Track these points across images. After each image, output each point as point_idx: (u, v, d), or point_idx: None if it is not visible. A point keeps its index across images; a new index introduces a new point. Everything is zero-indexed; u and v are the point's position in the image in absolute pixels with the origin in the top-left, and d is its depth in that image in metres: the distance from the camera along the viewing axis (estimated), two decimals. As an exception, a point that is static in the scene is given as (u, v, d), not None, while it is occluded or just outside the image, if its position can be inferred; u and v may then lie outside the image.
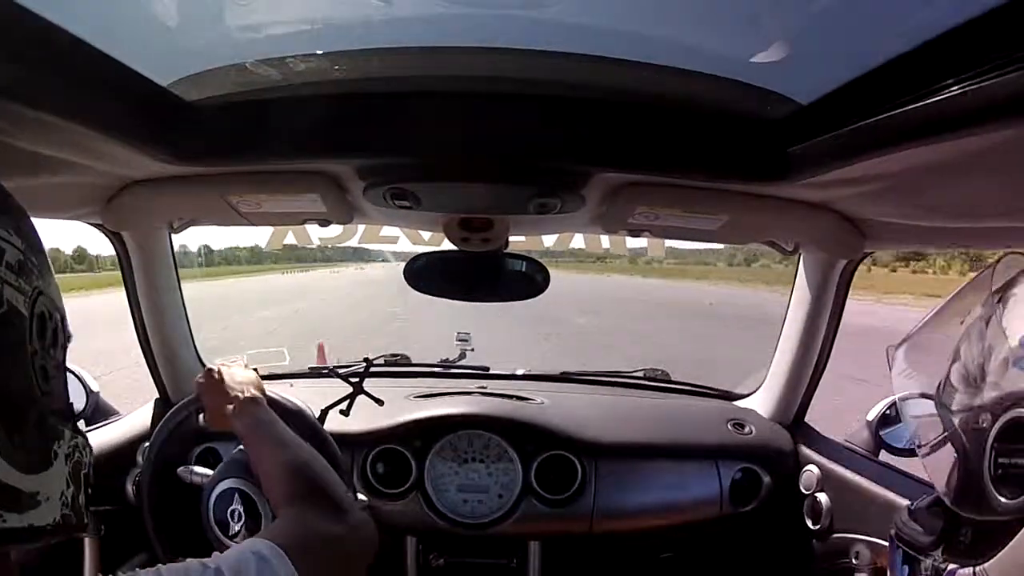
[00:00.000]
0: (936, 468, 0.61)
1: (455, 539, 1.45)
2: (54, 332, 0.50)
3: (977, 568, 0.54)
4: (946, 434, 0.60)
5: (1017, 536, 0.49)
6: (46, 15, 0.59)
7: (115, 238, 1.38)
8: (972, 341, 0.60)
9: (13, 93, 0.58)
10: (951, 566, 0.58)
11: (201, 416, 1.27)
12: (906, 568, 0.67)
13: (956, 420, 0.58)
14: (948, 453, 0.59)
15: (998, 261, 0.65)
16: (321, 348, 4.27)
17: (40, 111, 0.62)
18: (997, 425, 0.53)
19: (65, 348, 0.52)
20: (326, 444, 1.04)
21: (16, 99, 0.59)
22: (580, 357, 8.53)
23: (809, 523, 1.39)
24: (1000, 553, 0.51)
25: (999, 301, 0.59)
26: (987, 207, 0.85)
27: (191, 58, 0.80)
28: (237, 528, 1.04)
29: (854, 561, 1.26)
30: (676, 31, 0.75)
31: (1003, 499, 0.51)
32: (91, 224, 1.30)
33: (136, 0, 0.70)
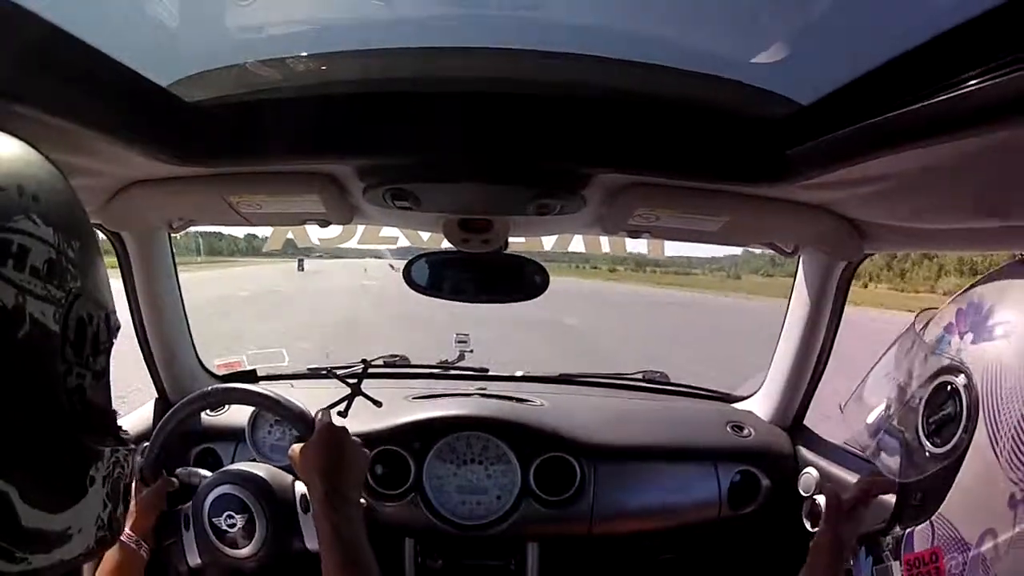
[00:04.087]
0: (886, 464, 0.72)
1: (453, 541, 1.44)
2: (95, 337, 0.44)
3: (932, 518, 0.62)
4: (887, 431, 0.72)
5: (958, 475, 0.59)
6: (45, 15, 0.59)
7: (114, 238, 1.38)
8: (902, 366, 0.73)
9: (12, 93, 0.58)
10: (908, 530, 0.67)
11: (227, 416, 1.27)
12: (870, 558, 0.75)
13: (894, 415, 0.71)
14: (891, 441, 0.71)
15: (919, 315, 0.77)
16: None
17: (39, 111, 0.62)
18: (924, 396, 0.65)
19: (109, 350, 0.47)
20: (301, 415, 1.05)
21: (15, 99, 0.59)
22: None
23: (808, 525, 1.38)
24: (947, 496, 0.61)
25: (922, 330, 0.71)
26: (986, 209, 0.85)
27: (191, 58, 0.80)
28: (232, 534, 1.03)
29: (852, 563, 1.26)
30: (676, 32, 0.75)
31: (936, 448, 0.62)
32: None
33: (136, 0, 0.70)
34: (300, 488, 1.04)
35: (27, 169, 0.42)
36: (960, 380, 0.61)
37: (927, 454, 0.64)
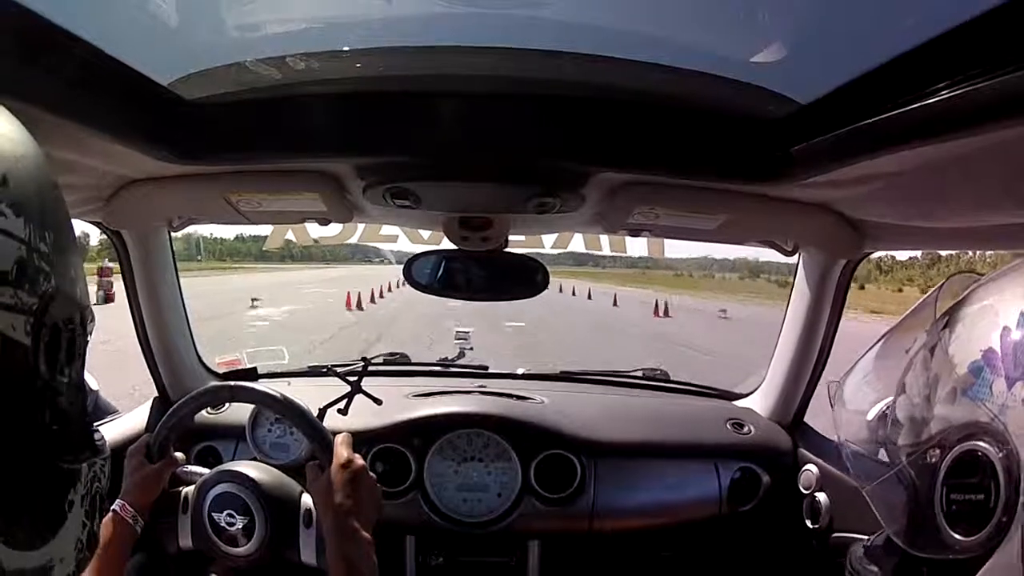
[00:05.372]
0: (884, 505, 0.58)
1: (454, 538, 1.45)
2: (71, 341, 0.39)
3: None
4: (894, 471, 0.57)
5: (980, 572, 0.46)
6: (46, 14, 0.59)
7: (114, 236, 1.38)
8: (917, 372, 0.57)
9: (13, 92, 0.58)
10: None
11: (206, 413, 1.28)
12: None
13: (903, 456, 0.55)
14: (897, 490, 0.56)
15: (944, 283, 0.62)
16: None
17: (39, 110, 0.62)
18: (947, 460, 0.49)
19: (85, 352, 0.42)
20: (322, 436, 1.05)
21: (16, 98, 0.59)
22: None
23: (808, 523, 1.39)
24: None
25: (945, 327, 0.56)
26: (986, 208, 0.85)
27: (191, 57, 0.80)
28: (231, 532, 1.04)
29: None
30: (675, 30, 0.75)
31: (959, 537, 0.48)
32: (90, 222, 1.30)
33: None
34: (306, 501, 1.05)
35: None
36: (998, 454, 0.45)
37: (947, 540, 0.49)
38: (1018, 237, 0.91)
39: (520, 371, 1.94)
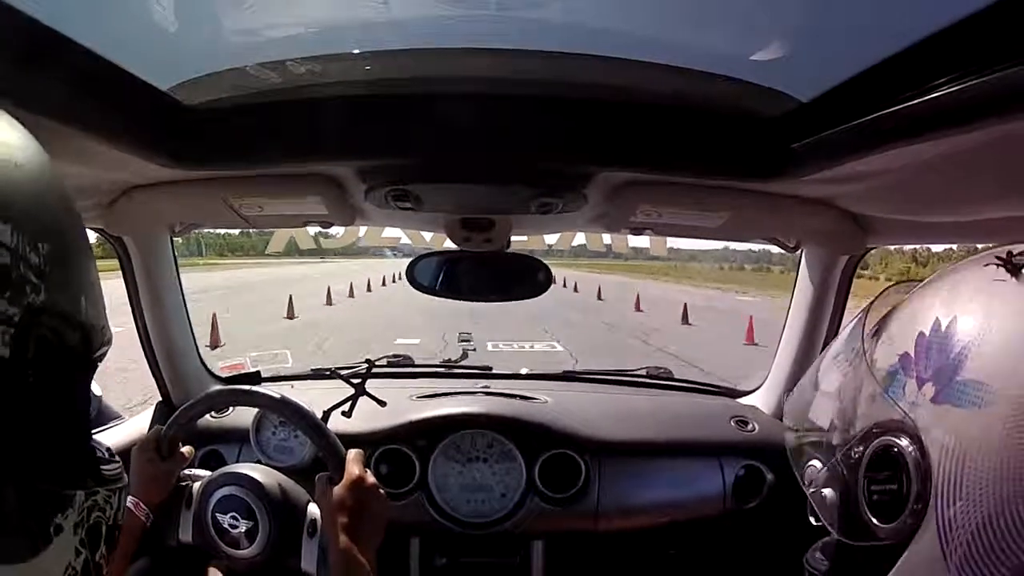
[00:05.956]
0: (823, 502, 0.64)
1: (459, 539, 1.45)
2: (67, 359, 0.37)
3: None
4: (826, 468, 0.63)
5: (897, 564, 0.50)
6: (45, 20, 0.59)
7: (116, 242, 1.38)
8: (848, 378, 0.61)
9: (12, 98, 0.58)
10: None
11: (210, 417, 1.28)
12: None
13: (837, 455, 0.60)
14: (831, 487, 0.62)
15: (875, 299, 0.66)
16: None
17: (40, 116, 0.62)
18: (867, 455, 0.54)
19: (88, 374, 0.40)
20: (335, 451, 1.04)
21: (15, 104, 0.59)
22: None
23: (812, 520, 1.38)
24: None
25: (874, 335, 0.60)
26: (987, 202, 0.85)
27: (190, 62, 0.80)
28: (234, 535, 1.04)
29: None
30: (676, 29, 0.75)
31: (881, 524, 0.52)
32: (91, 228, 1.30)
33: (135, 4, 0.70)
34: (312, 511, 1.05)
35: None
36: (910, 449, 0.49)
37: (868, 524, 0.54)
38: (1020, 230, 0.91)
39: (524, 371, 1.94)
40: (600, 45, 0.76)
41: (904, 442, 0.50)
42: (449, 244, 1.28)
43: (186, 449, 1.13)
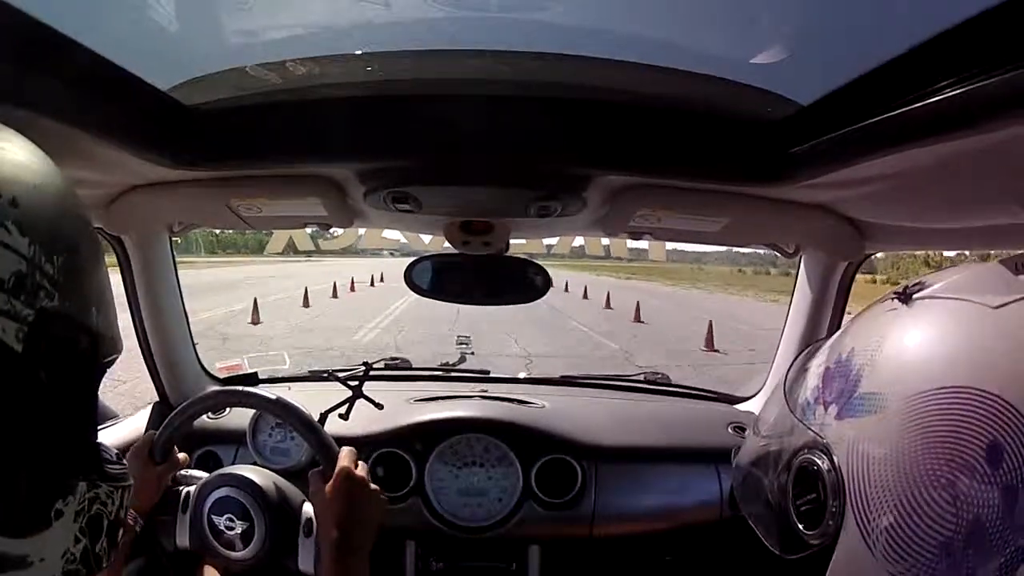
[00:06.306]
0: (760, 523, 0.71)
1: (455, 543, 1.44)
2: (76, 361, 0.41)
3: None
4: (765, 498, 0.69)
5: (831, 563, 0.56)
6: (46, 20, 0.59)
7: (114, 241, 1.38)
8: (782, 411, 0.68)
9: (13, 98, 0.58)
10: None
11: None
12: None
13: (773, 485, 0.67)
14: (767, 508, 0.68)
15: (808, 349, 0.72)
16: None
17: (39, 115, 0.62)
18: (791, 473, 0.61)
19: (96, 377, 0.44)
20: (327, 448, 1.04)
21: (16, 104, 0.59)
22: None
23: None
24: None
25: (795, 380, 0.67)
26: (987, 207, 0.85)
27: (191, 62, 0.80)
28: (229, 536, 1.03)
29: None
30: (676, 32, 0.75)
31: (809, 532, 0.59)
32: None
33: (136, 5, 0.70)
34: (307, 510, 1.04)
35: (14, 170, 0.39)
36: (823, 463, 0.56)
37: (800, 535, 0.60)
38: (1019, 237, 0.91)
39: (521, 375, 1.94)
40: (600, 48, 0.76)
41: (818, 457, 0.57)
42: (448, 247, 1.27)
43: (181, 456, 1.13)
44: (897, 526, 0.50)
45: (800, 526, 0.60)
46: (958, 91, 0.54)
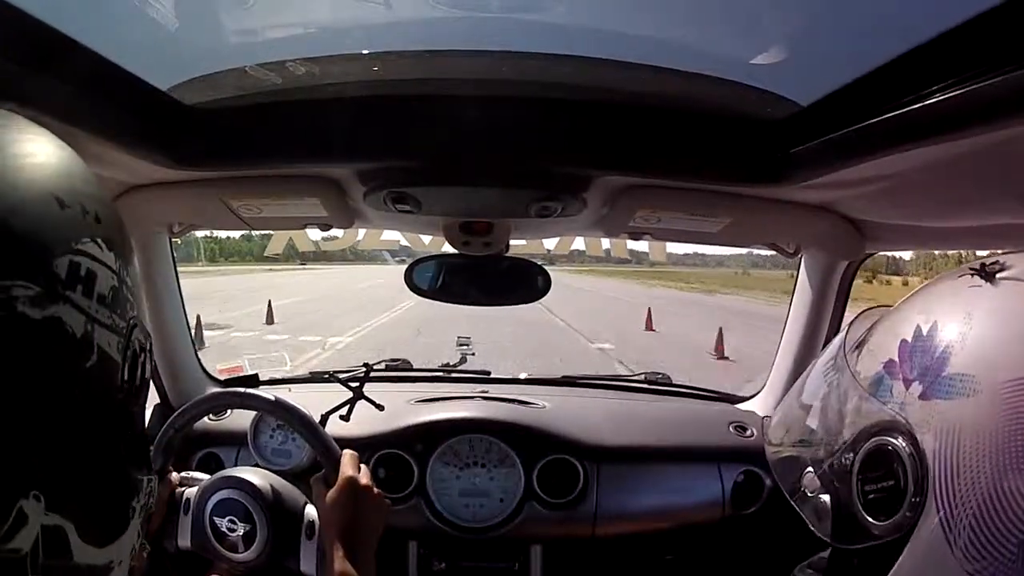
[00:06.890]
0: (812, 512, 0.64)
1: (457, 544, 1.44)
2: (143, 366, 0.43)
3: None
4: (819, 484, 0.63)
5: (901, 556, 0.52)
6: (45, 19, 0.59)
7: None
8: (831, 394, 0.64)
9: (11, 97, 0.58)
10: None
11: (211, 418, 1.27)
12: None
13: (825, 466, 0.62)
14: (821, 495, 0.63)
15: (856, 317, 0.69)
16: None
17: (38, 115, 0.62)
18: (859, 457, 0.56)
19: (148, 375, 0.46)
20: (329, 449, 1.04)
21: (16, 103, 0.59)
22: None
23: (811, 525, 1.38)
24: (890, 572, 0.53)
25: (855, 350, 0.63)
26: (987, 207, 0.85)
27: (190, 62, 0.80)
28: (232, 538, 1.03)
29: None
30: (676, 33, 0.75)
31: (878, 522, 0.54)
32: None
33: (135, 4, 0.70)
34: (310, 512, 1.04)
35: (86, 187, 0.40)
36: (904, 445, 0.51)
37: (865, 525, 0.55)
38: (1019, 236, 0.91)
39: (523, 376, 1.94)
40: (601, 48, 0.76)
41: (898, 439, 0.52)
42: (448, 248, 1.27)
43: (173, 476, 1.12)
44: (984, 518, 0.47)
45: (867, 516, 0.54)
46: (958, 91, 0.54)
